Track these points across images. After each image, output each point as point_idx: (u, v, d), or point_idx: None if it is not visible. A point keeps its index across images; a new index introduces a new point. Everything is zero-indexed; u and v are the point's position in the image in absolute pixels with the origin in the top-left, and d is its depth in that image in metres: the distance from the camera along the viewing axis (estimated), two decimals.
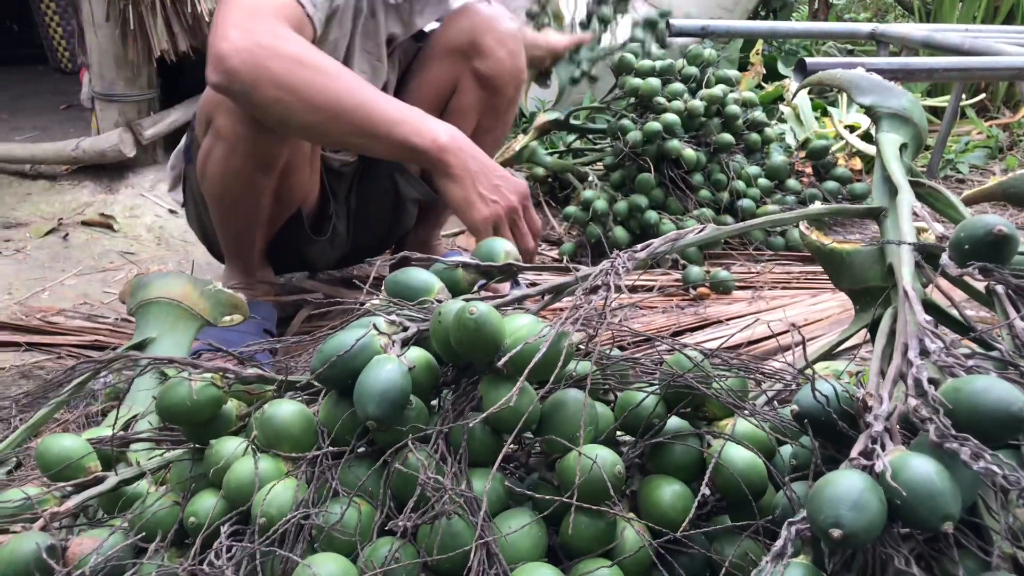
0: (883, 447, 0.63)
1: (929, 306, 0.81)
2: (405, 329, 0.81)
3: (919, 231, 0.91)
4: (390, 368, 0.73)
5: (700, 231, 0.92)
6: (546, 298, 0.90)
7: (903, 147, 1.02)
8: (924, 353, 0.70)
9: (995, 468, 0.57)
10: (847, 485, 0.59)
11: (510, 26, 1.80)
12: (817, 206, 1.12)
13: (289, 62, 1.27)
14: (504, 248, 0.94)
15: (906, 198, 0.92)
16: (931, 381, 0.66)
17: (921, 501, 0.58)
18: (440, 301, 0.86)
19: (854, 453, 0.63)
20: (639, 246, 0.88)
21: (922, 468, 0.59)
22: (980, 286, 0.80)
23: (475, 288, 0.93)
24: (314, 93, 1.28)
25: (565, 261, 1.45)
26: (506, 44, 1.77)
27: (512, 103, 1.86)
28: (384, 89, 1.76)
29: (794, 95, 2.73)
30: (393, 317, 0.82)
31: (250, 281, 1.79)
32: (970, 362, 0.67)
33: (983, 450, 0.58)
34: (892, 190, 0.95)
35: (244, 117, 1.48)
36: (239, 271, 1.80)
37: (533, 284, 1.84)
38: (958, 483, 0.60)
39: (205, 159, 1.62)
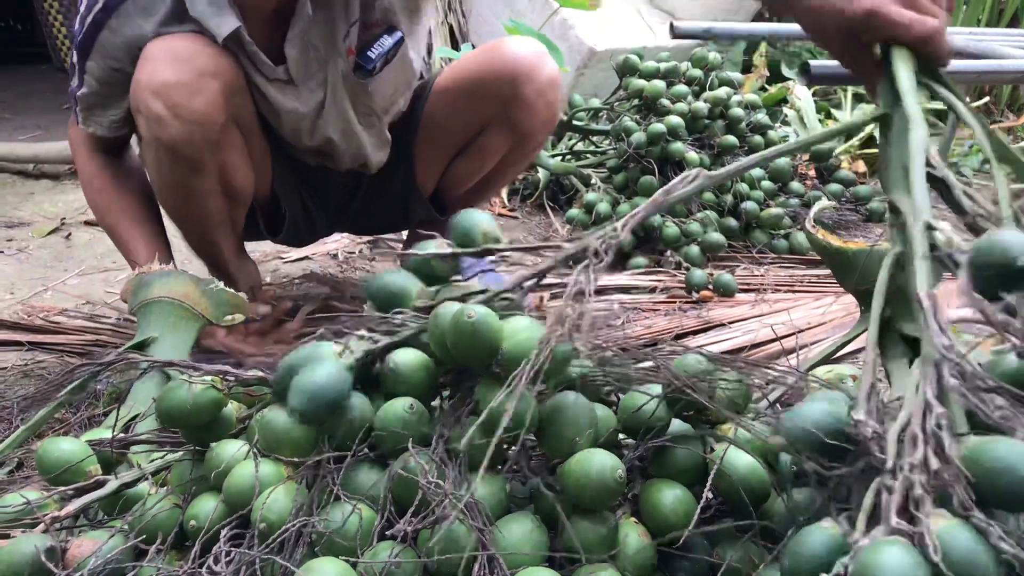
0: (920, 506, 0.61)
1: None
2: (376, 341, 0.81)
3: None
4: (325, 365, 0.74)
5: (691, 180, 0.88)
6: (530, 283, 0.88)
7: None
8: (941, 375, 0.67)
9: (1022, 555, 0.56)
10: (899, 568, 0.56)
11: (552, 70, 1.75)
12: (821, 132, 1.09)
13: (81, 177, 1.73)
14: (482, 228, 0.92)
15: (919, 135, 0.85)
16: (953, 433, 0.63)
17: None
18: (418, 308, 0.86)
19: (892, 515, 0.60)
20: (621, 221, 0.82)
21: (970, 547, 0.57)
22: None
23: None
24: (91, 205, 1.74)
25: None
26: (545, 95, 1.73)
27: (540, 145, 1.86)
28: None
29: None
30: (363, 332, 0.81)
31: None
32: (996, 413, 0.65)
33: (1006, 537, 0.57)
34: (896, 96, 0.92)
35: (155, 123, 1.48)
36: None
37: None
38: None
39: (146, 167, 1.65)
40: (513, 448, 0.73)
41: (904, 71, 0.93)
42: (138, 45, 1.48)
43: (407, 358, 0.80)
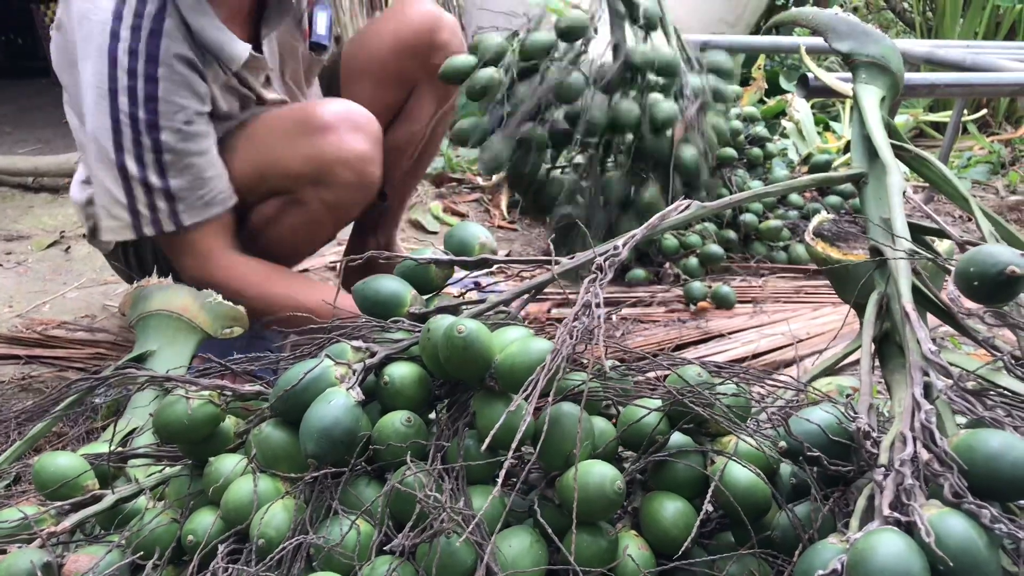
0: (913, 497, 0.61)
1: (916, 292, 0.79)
2: (373, 354, 0.80)
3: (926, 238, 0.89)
4: (334, 404, 0.73)
5: (683, 209, 0.90)
6: (526, 296, 0.88)
7: (881, 101, 0.99)
8: (928, 384, 0.68)
9: (1019, 534, 0.57)
10: (894, 555, 0.57)
11: (452, 17, 1.83)
12: (803, 178, 1.10)
13: (236, 294, 1.47)
14: (480, 240, 0.92)
15: (896, 181, 0.87)
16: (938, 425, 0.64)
17: (966, 571, 0.57)
18: (413, 314, 0.86)
19: (885, 506, 0.61)
20: (620, 239, 0.85)
21: (963, 533, 0.58)
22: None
23: (460, 291, 0.92)
24: (266, 307, 1.51)
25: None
26: (457, 34, 1.80)
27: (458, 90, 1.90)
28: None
29: (763, 31, 2.67)
30: (359, 343, 0.81)
31: None
32: (984, 412, 0.66)
33: (1002, 517, 0.57)
34: (872, 151, 0.92)
35: (341, 190, 1.51)
36: None
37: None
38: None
39: (266, 224, 1.61)
40: (511, 461, 0.72)
41: (877, 126, 0.94)
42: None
43: (402, 372, 0.79)
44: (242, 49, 1.49)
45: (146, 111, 1.41)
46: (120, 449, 0.87)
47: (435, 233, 2.74)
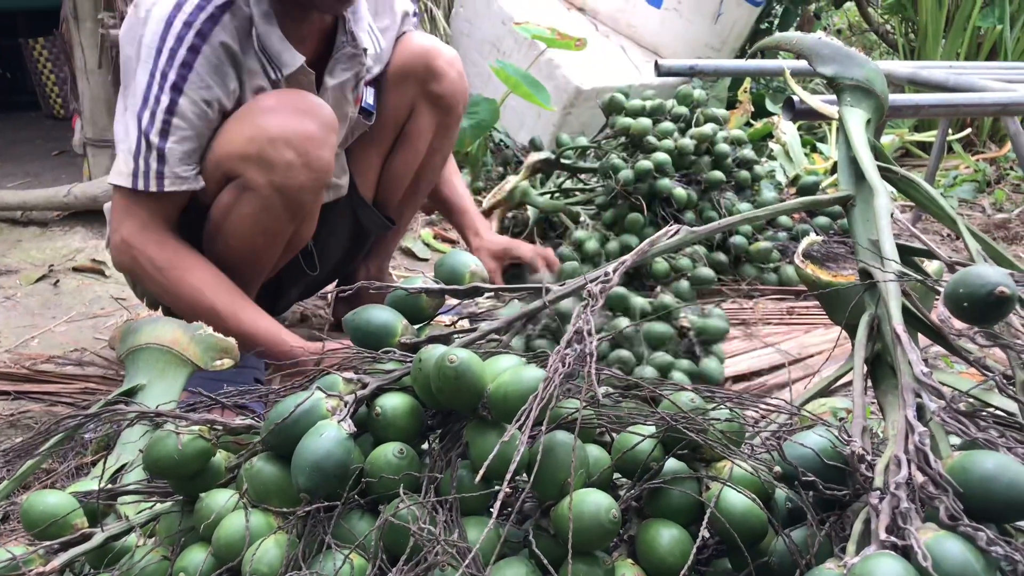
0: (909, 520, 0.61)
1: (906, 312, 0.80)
2: (364, 386, 0.80)
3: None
4: (325, 437, 0.73)
5: (672, 234, 0.91)
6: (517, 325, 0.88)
7: (867, 123, 1.00)
8: (921, 406, 0.68)
9: (1017, 556, 0.57)
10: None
11: (452, 49, 1.92)
12: (791, 202, 1.10)
13: (155, 271, 1.59)
14: (470, 268, 0.92)
15: (883, 203, 0.88)
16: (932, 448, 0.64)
17: None
18: (405, 344, 0.86)
19: (881, 530, 0.61)
20: (610, 266, 0.86)
21: (959, 556, 0.58)
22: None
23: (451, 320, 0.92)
24: (173, 298, 1.59)
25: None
26: (455, 66, 1.89)
27: (459, 121, 1.98)
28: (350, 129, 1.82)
29: (748, 55, 2.68)
30: (350, 375, 0.81)
31: None
32: (977, 433, 0.66)
33: (999, 540, 0.57)
34: (858, 173, 0.93)
35: (283, 170, 1.53)
36: None
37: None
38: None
39: (224, 217, 1.61)
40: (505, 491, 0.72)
41: (863, 149, 0.95)
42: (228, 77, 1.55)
43: (394, 403, 0.79)
44: (298, 58, 1.60)
45: (177, 75, 1.51)
46: (110, 486, 0.87)
47: (426, 260, 2.73)
